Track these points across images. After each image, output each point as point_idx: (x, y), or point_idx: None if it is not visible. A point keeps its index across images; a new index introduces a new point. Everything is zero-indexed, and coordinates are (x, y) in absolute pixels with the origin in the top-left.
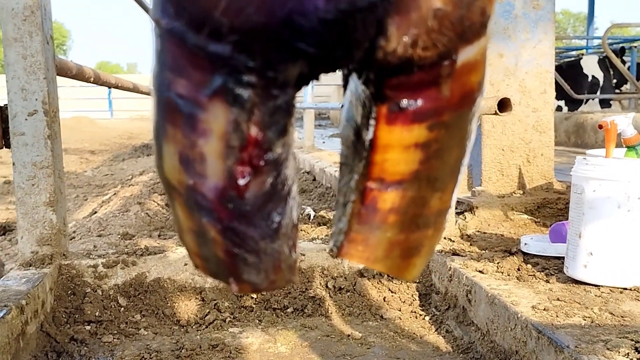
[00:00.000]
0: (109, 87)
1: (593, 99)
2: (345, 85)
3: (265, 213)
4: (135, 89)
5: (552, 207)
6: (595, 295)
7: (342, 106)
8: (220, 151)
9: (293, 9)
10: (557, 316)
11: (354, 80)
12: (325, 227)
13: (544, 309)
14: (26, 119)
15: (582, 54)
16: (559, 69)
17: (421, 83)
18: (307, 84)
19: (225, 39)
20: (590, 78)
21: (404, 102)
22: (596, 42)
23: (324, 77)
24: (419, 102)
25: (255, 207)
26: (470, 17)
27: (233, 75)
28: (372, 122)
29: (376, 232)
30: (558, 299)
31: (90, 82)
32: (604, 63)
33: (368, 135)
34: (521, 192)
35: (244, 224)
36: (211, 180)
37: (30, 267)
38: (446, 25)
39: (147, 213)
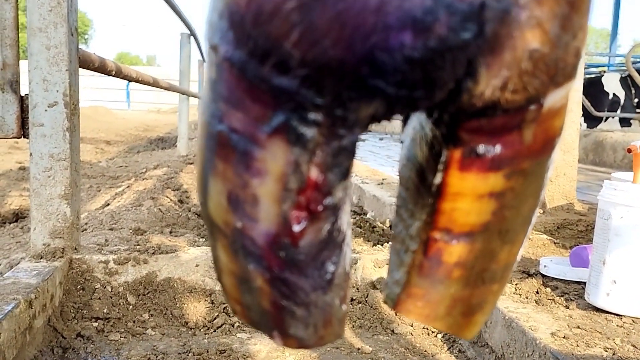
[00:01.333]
0: (130, 81)
1: (613, 117)
2: (405, 119)
3: (319, 262)
4: (155, 84)
5: (572, 229)
6: (617, 326)
7: (402, 142)
8: (275, 194)
9: (376, 45)
10: (577, 345)
11: (418, 117)
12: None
13: (564, 337)
14: (46, 110)
15: (604, 71)
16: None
17: (503, 128)
18: (378, 122)
19: (292, 73)
20: (611, 96)
21: (482, 148)
22: (618, 59)
23: None
24: (498, 148)
25: (309, 256)
26: (565, 58)
27: (297, 112)
28: (440, 166)
29: (439, 287)
30: (578, 327)
31: (111, 75)
32: (626, 81)
33: (436, 180)
34: (541, 211)
35: (296, 274)
36: (263, 225)
37: (42, 260)
38: (540, 68)
39: (159, 209)
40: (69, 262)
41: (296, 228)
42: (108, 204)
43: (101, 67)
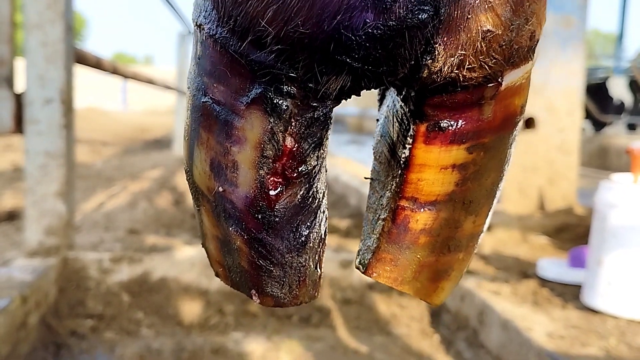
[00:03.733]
0: (126, 78)
1: (618, 122)
2: (381, 99)
3: (294, 226)
4: (152, 83)
5: (571, 232)
6: (612, 326)
7: (377, 120)
8: (253, 160)
9: (341, 22)
10: (572, 345)
11: (391, 96)
12: (336, 235)
13: (560, 337)
14: (42, 107)
15: (610, 75)
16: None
17: (463, 104)
18: (348, 97)
19: (269, 48)
20: (616, 100)
21: (445, 122)
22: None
23: None
24: (460, 122)
25: (284, 219)
26: (519, 40)
27: (273, 85)
28: (409, 140)
29: (406, 252)
30: (574, 327)
31: (108, 72)
32: (632, 86)
33: (404, 153)
34: (541, 213)
35: (272, 236)
36: (242, 189)
37: (36, 257)
38: (495, 48)
39: (155, 209)
40: (63, 260)
41: (272, 193)
42: (103, 205)
43: (98, 65)
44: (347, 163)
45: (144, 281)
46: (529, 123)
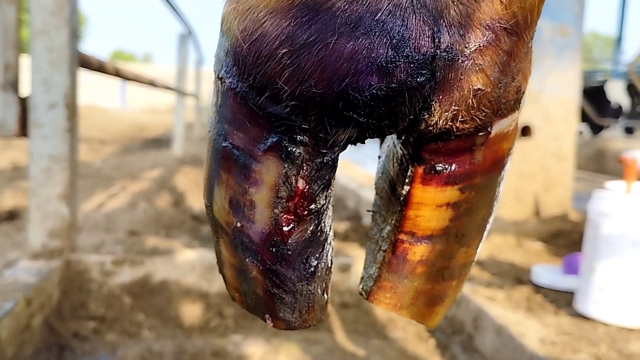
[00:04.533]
0: (128, 80)
1: (616, 125)
2: (382, 139)
3: (304, 257)
4: (153, 84)
5: (566, 238)
6: (603, 333)
7: (379, 158)
8: (269, 200)
9: (349, 85)
10: (564, 351)
11: (392, 138)
12: (334, 239)
13: (552, 343)
14: (47, 112)
15: (608, 79)
16: (583, 92)
17: (457, 150)
18: (354, 144)
19: (284, 103)
20: (614, 103)
21: (440, 166)
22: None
23: None
24: (454, 166)
25: (295, 252)
26: (506, 95)
27: (288, 134)
28: (407, 180)
29: (404, 281)
30: (566, 334)
31: (111, 75)
32: (630, 89)
33: (403, 191)
34: (536, 219)
35: (285, 267)
36: (258, 225)
37: (40, 259)
38: (484, 104)
39: (155, 210)
40: (66, 262)
41: (285, 229)
42: (103, 205)
43: (100, 69)
44: (345, 165)
45: (145, 283)
46: (526, 131)
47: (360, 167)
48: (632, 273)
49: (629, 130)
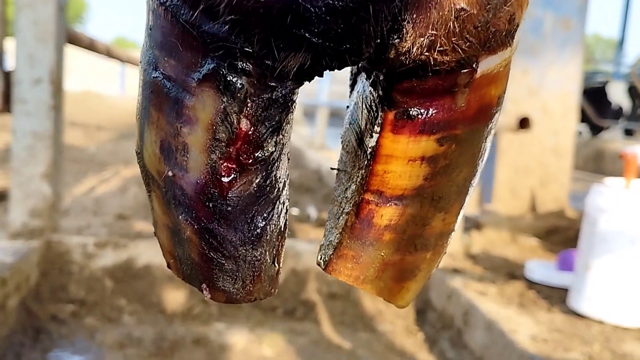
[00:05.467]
0: (122, 62)
1: (616, 126)
2: (352, 85)
3: (249, 216)
4: None
5: (561, 234)
6: (597, 332)
7: (347, 108)
8: (205, 143)
9: None
10: (555, 349)
11: (362, 81)
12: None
13: (544, 341)
14: (31, 87)
15: (609, 80)
16: (584, 92)
17: (435, 90)
18: (309, 79)
19: (222, 18)
20: (615, 105)
21: (414, 110)
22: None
23: (342, 74)
24: (431, 111)
25: (237, 209)
26: (496, 23)
27: (227, 60)
28: (376, 128)
29: (369, 249)
30: (559, 331)
31: (102, 54)
32: (631, 91)
33: (370, 142)
34: (531, 215)
35: (224, 227)
36: (192, 175)
37: (19, 239)
38: (469, 29)
39: (146, 196)
40: (47, 242)
41: (225, 180)
42: (94, 189)
43: (91, 47)
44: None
45: (128, 267)
46: (524, 123)
47: None
48: (628, 271)
49: (629, 132)
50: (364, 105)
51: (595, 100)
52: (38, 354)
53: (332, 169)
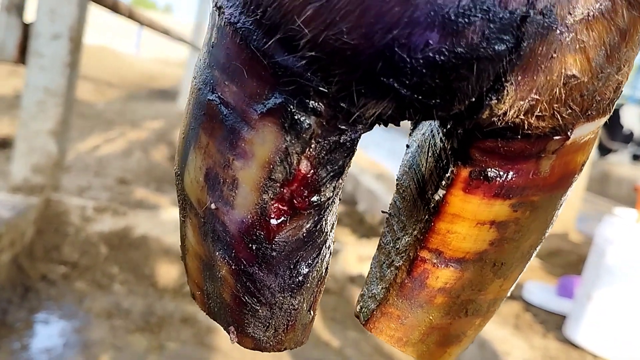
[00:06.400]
0: (141, 25)
1: (624, 150)
2: (416, 122)
3: (293, 262)
4: (166, 34)
5: (563, 257)
6: None
7: (407, 147)
8: (258, 181)
9: (397, 39)
10: None
11: (431, 124)
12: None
13: None
14: (49, 42)
15: (624, 103)
16: None
17: (520, 154)
18: (385, 125)
19: (300, 53)
20: (626, 129)
21: (492, 171)
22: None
23: None
24: (510, 174)
25: (282, 254)
26: (603, 91)
27: (297, 97)
28: (444, 182)
29: (417, 311)
30: (552, 359)
31: (124, 16)
32: None
33: (436, 196)
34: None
35: (265, 271)
36: (238, 212)
37: (19, 194)
38: (574, 97)
39: (149, 161)
40: (46, 201)
41: (274, 222)
42: (98, 148)
43: (114, 8)
44: None
45: (125, 236)
46: None
47: (361, 150)
48: (630, 306)
49: (636, 158)
50: (430, 152)
51: (607, 121)
52: (24, 314)
53: (382, 212)
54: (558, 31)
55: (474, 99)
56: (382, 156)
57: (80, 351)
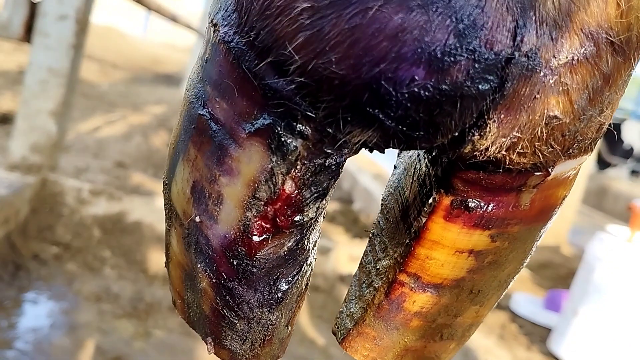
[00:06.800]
0: (149, 10)
1: (623, 165)
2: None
3: (272, 279)
4: (174, 20)
5: (554, 270)
6: None
7: (395, 168)
8: (242, 199)
9: (384, 72)
10: None
11: (418, 150)
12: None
13: None
14: (55, 22)
15: (626, 118)
16: None
17: (501, 187)
18: (370, 151)
19: (289, 77)
20: (626, 144)
21: (473, 202)
22: None
23: None
24: (491, 206)
25: (262, 271)
26: (585, 132)
27: (285, 119)
28: (426, 208)
29: (393, 333)
30: None
31: (133, 0)
32: None
33: (417, 222)
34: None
35: (244, 286)
36: (221, 227)
37: (16, 172)
38: (555, 137)
39: (148, 146)
40: (42, 180)
41: (256, 239)
42: (98, 130)
43: None
44: None
45: (119, 220)
46: None
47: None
48: (615, 324)
49: (635, 173)
50: (415, 177)
51: (607, 135)
52: (14, 292)
53: (365, 231)
54: (542, 73)
55: (456, 134)
56: (381, 156)
57: (66, 333)
